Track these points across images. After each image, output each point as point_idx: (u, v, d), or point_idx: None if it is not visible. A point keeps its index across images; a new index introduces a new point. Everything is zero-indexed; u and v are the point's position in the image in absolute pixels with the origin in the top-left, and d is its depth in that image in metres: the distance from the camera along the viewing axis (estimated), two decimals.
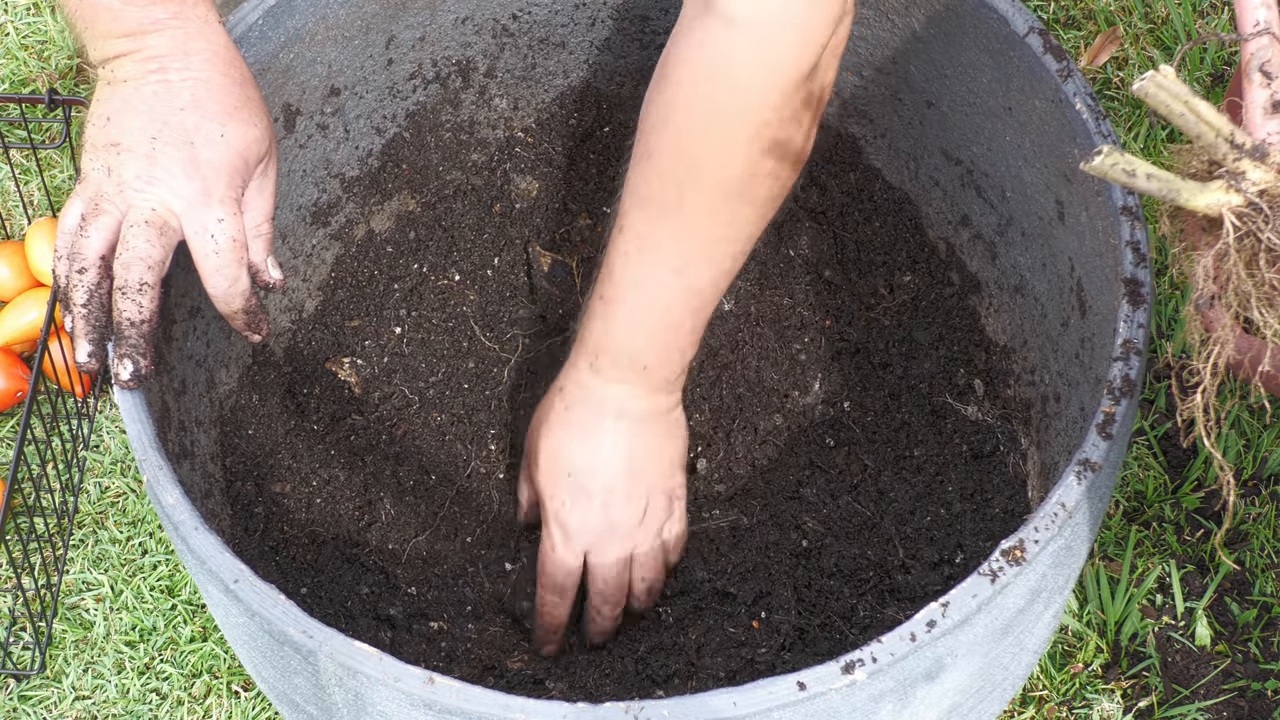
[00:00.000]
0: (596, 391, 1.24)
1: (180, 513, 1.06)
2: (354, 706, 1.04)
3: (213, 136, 1.13)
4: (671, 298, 1.19)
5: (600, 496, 1.26)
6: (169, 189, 1.12)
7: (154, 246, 1.11)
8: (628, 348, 1.22)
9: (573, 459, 1.26)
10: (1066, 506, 1.03)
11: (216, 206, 1.13)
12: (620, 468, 1.25)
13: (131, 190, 1.12)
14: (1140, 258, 1.11)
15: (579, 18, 1.44)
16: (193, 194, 1.12)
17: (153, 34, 1.13)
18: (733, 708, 0.97)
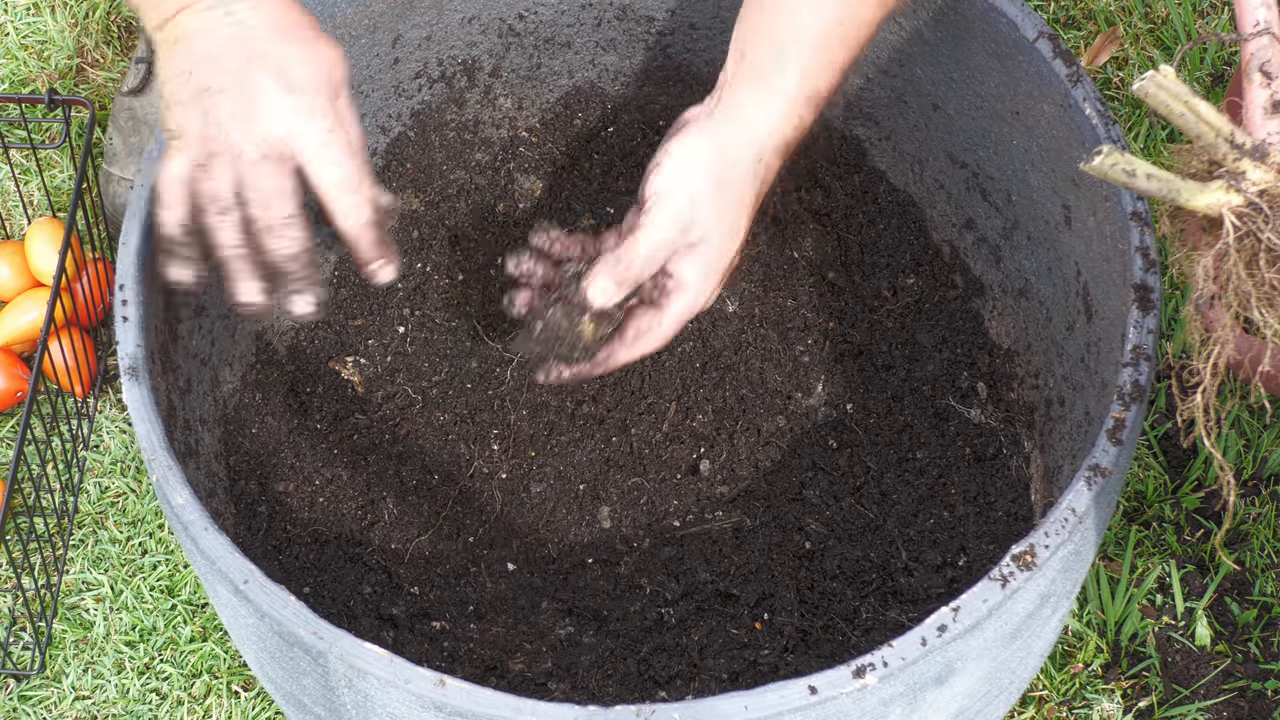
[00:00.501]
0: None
1: (190, 513, 1.06)
2: (362, 707, 1.04)
3: (299, 59, 1.12)
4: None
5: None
6: (271, 119, 1.11)
7: (281, 178, 1.11)
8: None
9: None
10: (1077, 512, 1.03)
11: (320, 120, 1.12)
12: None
13: (236, 131, 1.11)
14: (1150, 263, 1.11)
15: (585, 18, 1.44)
16: (296, 116, 1.12)
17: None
18: (744, 711, 0.98)
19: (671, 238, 1.18)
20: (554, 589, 1.36)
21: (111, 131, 1.74)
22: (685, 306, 1.20)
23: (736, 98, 1.20)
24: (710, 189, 1.18)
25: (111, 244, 1.74)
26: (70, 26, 1.89)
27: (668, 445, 1.41)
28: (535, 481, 1.40)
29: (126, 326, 1.13)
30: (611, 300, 1.19)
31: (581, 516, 1.39)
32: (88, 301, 1.66)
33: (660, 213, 1.18)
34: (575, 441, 1.41)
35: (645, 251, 1.18)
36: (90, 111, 1.62)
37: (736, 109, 1.20)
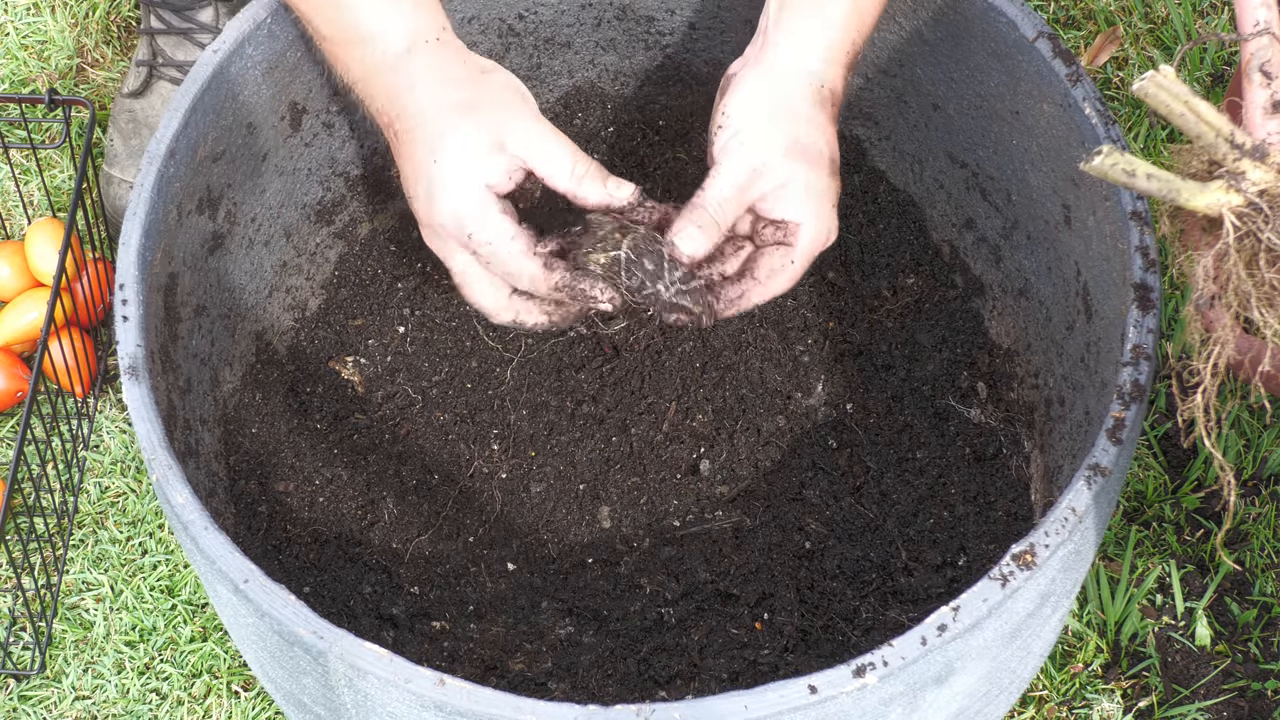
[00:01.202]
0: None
1: (190, 512, 1.06)
2: (363, 707, 1.04)
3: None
4: None
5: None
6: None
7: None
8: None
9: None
10: (1077, 511, 1.03)
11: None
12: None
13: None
14: (1150, 263, 1.11)
15: (585, 18, 1.44)
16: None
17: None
18: (744, 711, 0.98)
19: (743, 180, 1.18)
20: (554, 589, 1.36)
21: (112, 133, 1.74)
22: (810, 239, 1.20)
23: (782, 33, 1.21)
24: (777, 126, 1.18)
25: (111, 244, 1.74)
26: (70, 26, 1.89)
27: (668, 445, 1.41)
28: (535, 481, 1.40)
29: (126, 326, 1.13)
30: (700, 249, 1.19)
31: (581, 516, 1.39)
32: (88, 301, 1.66)
33: (728, 162, 1.18)
34: (575, 441, 1.41)
35: (715, 196, 1.18)
36: (90, 111, 1.62)
37: (783, 43, 1.21)
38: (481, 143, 1.16)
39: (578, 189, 1.19)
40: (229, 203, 1.31)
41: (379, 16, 1.16)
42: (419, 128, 1.17)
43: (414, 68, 1.17)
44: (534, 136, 1.18)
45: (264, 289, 1.40)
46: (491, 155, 1.17)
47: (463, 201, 1.17)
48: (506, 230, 1.18)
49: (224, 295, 1.33)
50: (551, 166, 1.18)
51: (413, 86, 1.17)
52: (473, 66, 1.19)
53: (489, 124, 1.17)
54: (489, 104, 1.17)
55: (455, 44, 1.20)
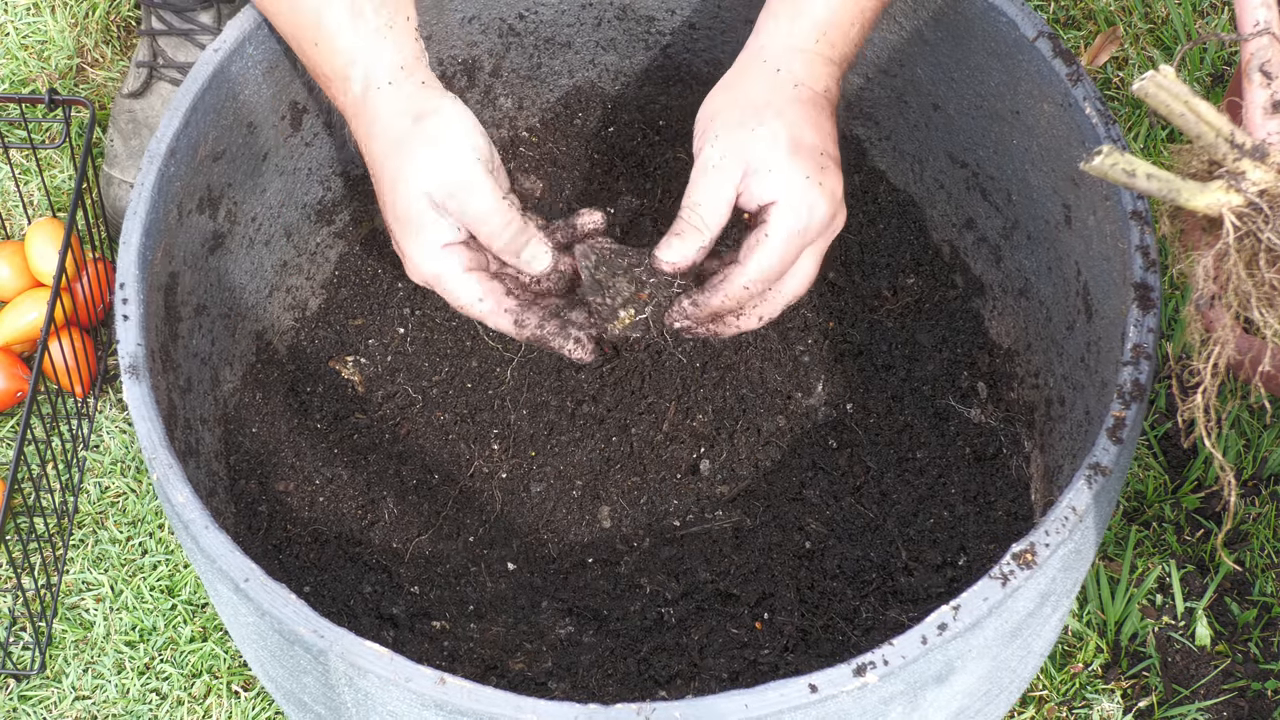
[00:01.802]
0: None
1: (190, 511, 1.06)
2: (363, 706, 1.04)
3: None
4: None
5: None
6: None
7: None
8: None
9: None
10: (1077, 510, 1.03)
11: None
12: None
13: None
14: (1150, 262, 1.11)
15: (585, 18, 1.44)
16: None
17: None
18: (744, 710, 0.97)
19: (718, 180, 1.17)
20: (554, 589, 1.36)
21: (112, 133, 1.74)
22: (788, 215, 1.17)
23: (757, 34, 1.22)
24: (745, 121, 1.18)
25: (112, 244, 1.74)
26: (70, 26, 1.89)
27: (668, 445, 1.41)
28: (535, 481, 1.40)
29: (127, 325, 1.13)
30: (682, 257, 1.19)
31: (581, 516, 1.39)
32: (88, 301, 1.66)
33: (700, 166, 1.18)
34: (575, 441, 1.41)
35: (690, 201, 1.18)
36: (90, 111, 1.62)
37: (755, 43, 1.22)
38: (420, 206, 1.17)
39: (493, 250, 1.20)
40: (229, 202, 1.31)
41: (340, 56, 1.18)
42: (377, 178, 1.20)
43: (367, 116, 1.19)
44: (461, 191, 1.17)
45: (264, 288, 1.40)
46: (434, 216, 1.17)
47: (426, 265, 1.19)
48: (473, 294, 1.20)
49: (224, 294, 1.33)
50: (476, 224, 1.18)
51: (367, 137, 1.19)
52: (410, 116, 1.17)
53: (421, 185, 1.17)
54: (419, 159, 1.17)
55: (407, 86, 1.18)
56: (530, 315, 1.21)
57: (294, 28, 1.19)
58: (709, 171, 1.18)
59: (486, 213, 1.17)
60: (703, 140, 1.19)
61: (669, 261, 1.19)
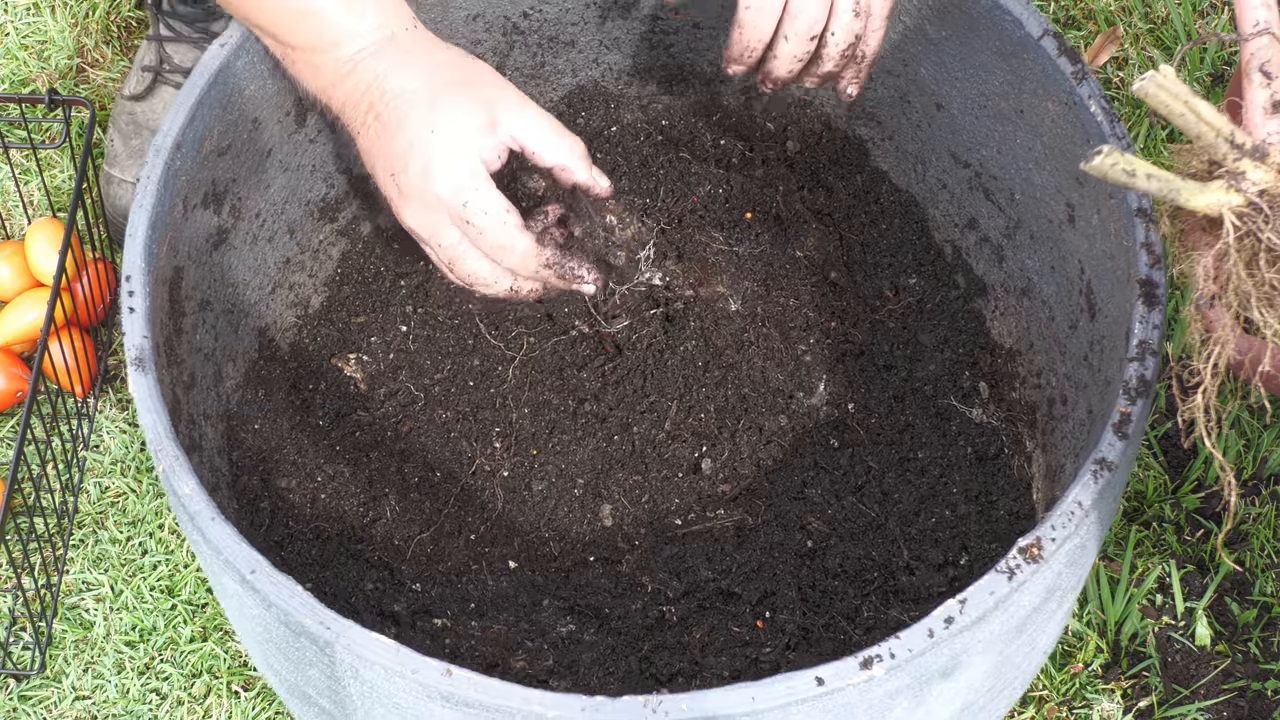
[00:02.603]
0: None
1: (196, 503, 1.06)
2: (368, 698, 1.04)
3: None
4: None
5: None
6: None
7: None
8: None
9: None
10: (1083, 505, 1.03)
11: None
12: None
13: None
14: (1155, 259, 1.11)
15: (589, 16, 1.44)
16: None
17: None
18: (751, 702, 0.98)
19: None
20: (555, 587, 1.36)
21: (112, 133, 1.74)
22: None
23: None
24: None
25: (111, 244, 1.74)
26: (70, 26, 1.89)
27: (669, 444, 1.41)
28: (537, 479, 1.40)
29: (133, 318, 1.13)
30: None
31: (583, 514, 1.39)
32: (88, 301, 1.66)
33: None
34: (577, 439, 1.41)
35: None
36: (90, 111, 1.62)
37: None
38: (476, 118, 1.17)
39: (567, 162, 1.20)
40: (233, 197, 1.31)
41: (349, 19, 1.17)
42: (409, 104, 1.17)
43: (399, 51, 1.18)
44: (525, 114, 1.19)
45: (267, 285, 1.40)
46: (486, 132, 1.17)
47: (461, 173, 1.17)
48: (502, 203, 1.18)
49: (228, 290, 1.33)
50: (542, 142, 1.19)
51: (401, 67, 1.18)
52: (455, 50, 1.21)
53: (482, 101, 1.18)
54: (479, 83, 1.19)
55: (428, 33, 1.21)
56: (549, 237, 1.22)
57: (279, 13, 1.18)
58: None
59: (559, 130, 1.19)
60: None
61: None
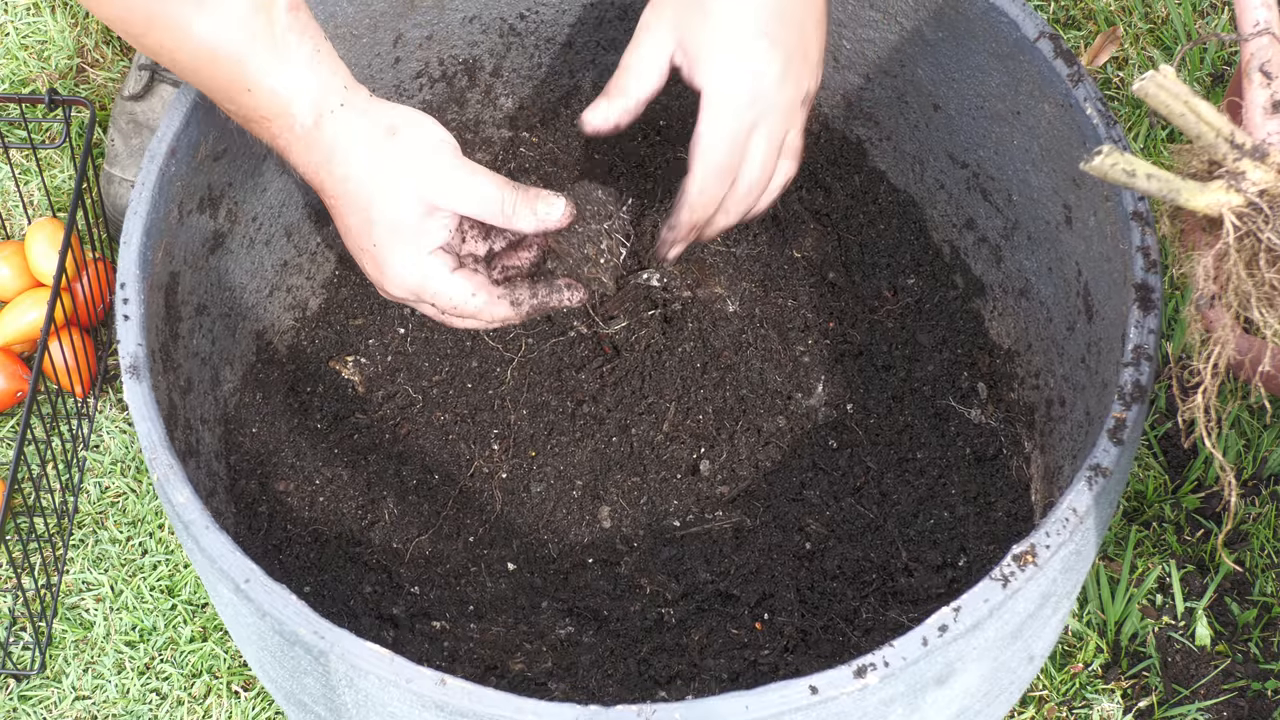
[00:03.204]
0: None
1: (191, 512, 1.06)
2: (363, 707, 1.04)
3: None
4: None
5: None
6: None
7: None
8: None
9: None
10: (1078, 511, 1.03)
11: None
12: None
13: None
14: (1151, 263, 1.11)
15: (586, 17, 1.44)
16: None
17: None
18: (745, 711, 0.97)
19: (646, 42, 1.17)
20: (554, 589, 1.36)
21: (113, 133, 1.74)
22: (714, 102, 1.15)
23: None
24: (645, 21, 1.17)
25: (112, 244, 1.74)
26: (70, 26, 1.89)
27: (668, 445, 1.41)
28: (535, 481, 1.40)
29: (128, 325, 1.13)
30: (607, 120, 1.20)
31: (582, 516, 1.39)
32: (88, 301, 1.66)
33: (636, 31, 1.17)
34: (575, 441, 1.41)
35: (625, 63, 1.18)
36: (90, 111, 1.62)
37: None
38: (412, 212, 1.15)
39: (511, 224, 1.18)
40: (230, 201, 1.31)
41: (281, 93, 1.13)
42: (346, 205, 1.16)
43: (325, 142, 1.14)
44: (457, 186, 1.15)
45: (264, 288, 1.40)
46: (425, 220, 1.15)
47: (413, 275, 1.17)
48: (464, 289, 1.18)
49: (225, 294, 1.33)
50: (481, 210, 1.16)
51: (328, 161, 1.15)
52: (380, 128, 1.15)
53: (414, 190, 1.15)
54: (406, 169, 1.15)
55: (359, 103, 1.15)
56: (521, 291, 1.20)
57: (218, 81, 1.13)
58: (640, 33, 1.17)
59: (492, 191, 1.16)
60: (645, 10, 1.18)
61: (590, 123, 1.19)
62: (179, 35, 1.09)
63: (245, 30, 1.09)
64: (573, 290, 1.22)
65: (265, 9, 1.10)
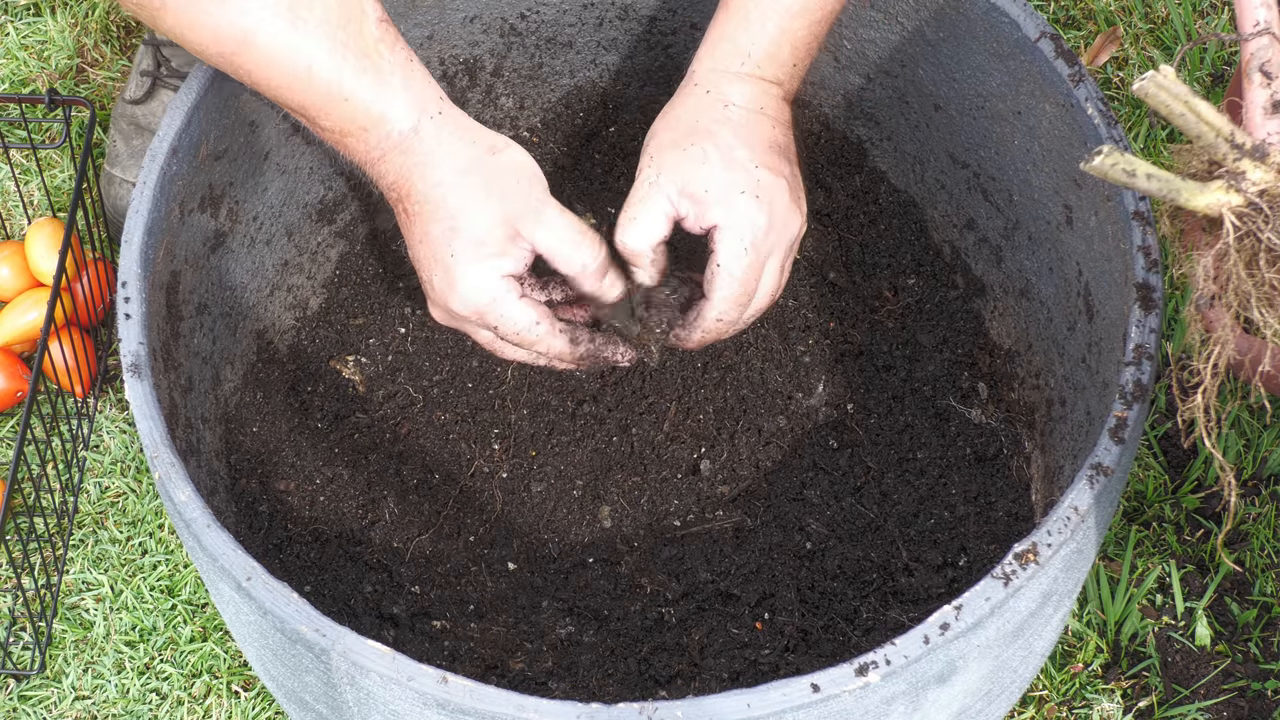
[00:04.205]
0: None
1: (192, 510, 1.06)
2: (364, 705, 1.04)
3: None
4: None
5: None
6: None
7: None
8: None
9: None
10: (1079, 510, 1.03)
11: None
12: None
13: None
14: (1152, 263, 1.11)
15: (587, 18, 1.44)
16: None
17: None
18: (746, 709, 0.97)
19: (650, 195, 1.19)
20: (554, 588, 1.36)
21: (114, 134, 1.74)
22: (734, 239, 1.18)
23: (693, 60, 1.24)
24: (660, 152, 1.19)
25: (112, 244, 1.74)
26: (70, 26, 1.89)
27: (668, 445, 1.41)
28: (536, 481, 1.40)
29: (129, 324, 1.13)
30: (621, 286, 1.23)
31: (582, 516, 1.39)
32: (88, 301, 1.66)
33: (636, 183, 1.20)
34: (576, 441, 1.41)
35: (631, 214, 1.19)
36: (90, 111, 1.62)
37: (691, 69, 1.23)
38: (497, 232, 1.15)
39: (579, 275, 1.19)
40: (231, 201, 1.31)
41: (378, 102, 1.14)
42: (430, 212, 1.16)
43: (423, 147, 1.15)
44: (544, 225, 1.17)
45: (265, 288, 1.40)
46: (507, 244, 1.16)
47: (484, 294, 1.17)
48: (530, 317, 1.18)
49: (225, 294, 1.33)
50: (559, 254, 1.18)
51: (423, 166, 1.16)
52: (482, 145, 1.17)
53: (502, 214, 1.15)
54: (500, 190, 1.16)
55: (458, 117, 1.17)
56: (581, 332, 1.22)
57: (312, 95, 1.14)
58: (643, 187, 1.19)
59: (581, 236, 1.17)
60: (642, 161, 1.21)
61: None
62: (272, 53, 1.10)
63: (337, 42, 1.11)
64: (626, 349, 1.23)
65: (356, 21, 1.11)
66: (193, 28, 1.09)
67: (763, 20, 1.21)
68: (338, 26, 1.11)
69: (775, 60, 1.22)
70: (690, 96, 1.22)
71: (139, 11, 1.10)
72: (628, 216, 1.20)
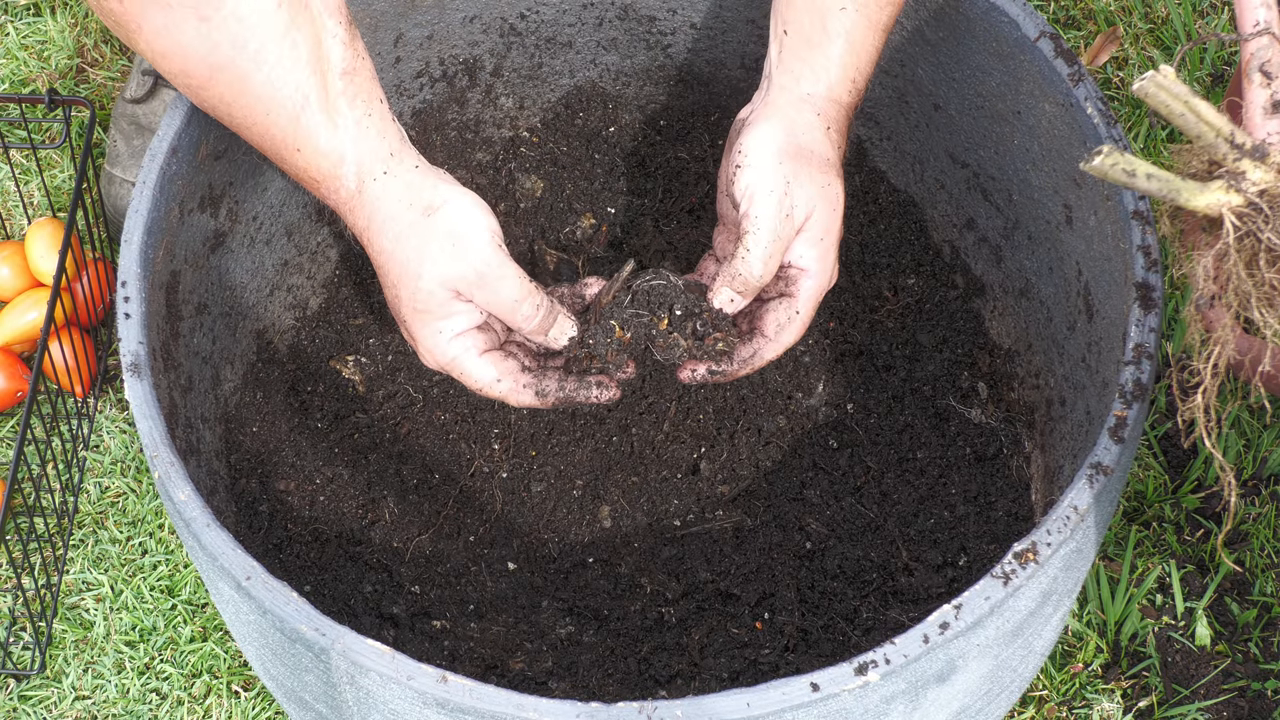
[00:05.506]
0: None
1: (192, 509, 1.06)
2: (364, 704, 1.04)
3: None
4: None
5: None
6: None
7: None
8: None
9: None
10: (1079, 509, 1.03)
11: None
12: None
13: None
14: (1152, 262, 1.11)
15: (586, 18, 1.44)
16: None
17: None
18: (746, 708, 0.97)
19: (781, 230, 1.18)
20: (554, 588, 1.36)
21: (114, 134, 1.74)
22: (815, 288, 1.20)
23: (788, 75, 1.21)
24: (796, 168, 1.18)
25: (112, 244, 1.74)
26: (70, 26, 1.89)
27: (668, 445, 1.41)
28: (536, 481, 1.40)
29: (129, 324, 1.13)
30: (739, 308, 1.21)
31: (582, 516, 1.39)
32: (88, 301, 1.66)
33: (762, 208, 1.17)
34: (576, 441, 1.41)
35: (761, 254, 1.17)
36: (90, 111, 1.62)
37: (791, 86, 1.21)
38: (438, 295, 1.16)
39: (521, 331, 1.20)
40: (231, 201, 1.31)
41: (328, 158, 1.14)
42: (382, 275, 1.18)
43: (365, 210, 1.16)
44: (481, 287, 1.16)
45: (265, 287, 1.40)
46: (450, 305, 1.16)
47: (443, 354, 1.19)
48: (489, 375, 1.19)
49: (225, 293, 1.33)
50: (499, 308, 1.18)
51: (367, 230, 1.16)
52: (418, 208, 1.15)
53: (437, 275, 1.15)
54: (433, 254, 1.15)
55: (405, 173, 1.16)
56: (548, 382, 1.22)
57: (270, 139, 1.14)
58: (780, 217, 1.18)
59: (518, 299, 1.17)
60: (753, 172, 1.18)
61: (728, 311, 1.22)
62: (236, 90, 1.10)
63: (299, 91, 1.11)
64: (603, 389, 1.22)
65: (321, 72, 1.11)
66: (165, 55, 1.09)
67: (864, 44, 1.21)
68: (304, 74, 1.10)
69: (863, 75, 1.23)
70: (811, 124, 1.20)
71: (116, 29, 1.09)
72: (758, 241, 1.18)
